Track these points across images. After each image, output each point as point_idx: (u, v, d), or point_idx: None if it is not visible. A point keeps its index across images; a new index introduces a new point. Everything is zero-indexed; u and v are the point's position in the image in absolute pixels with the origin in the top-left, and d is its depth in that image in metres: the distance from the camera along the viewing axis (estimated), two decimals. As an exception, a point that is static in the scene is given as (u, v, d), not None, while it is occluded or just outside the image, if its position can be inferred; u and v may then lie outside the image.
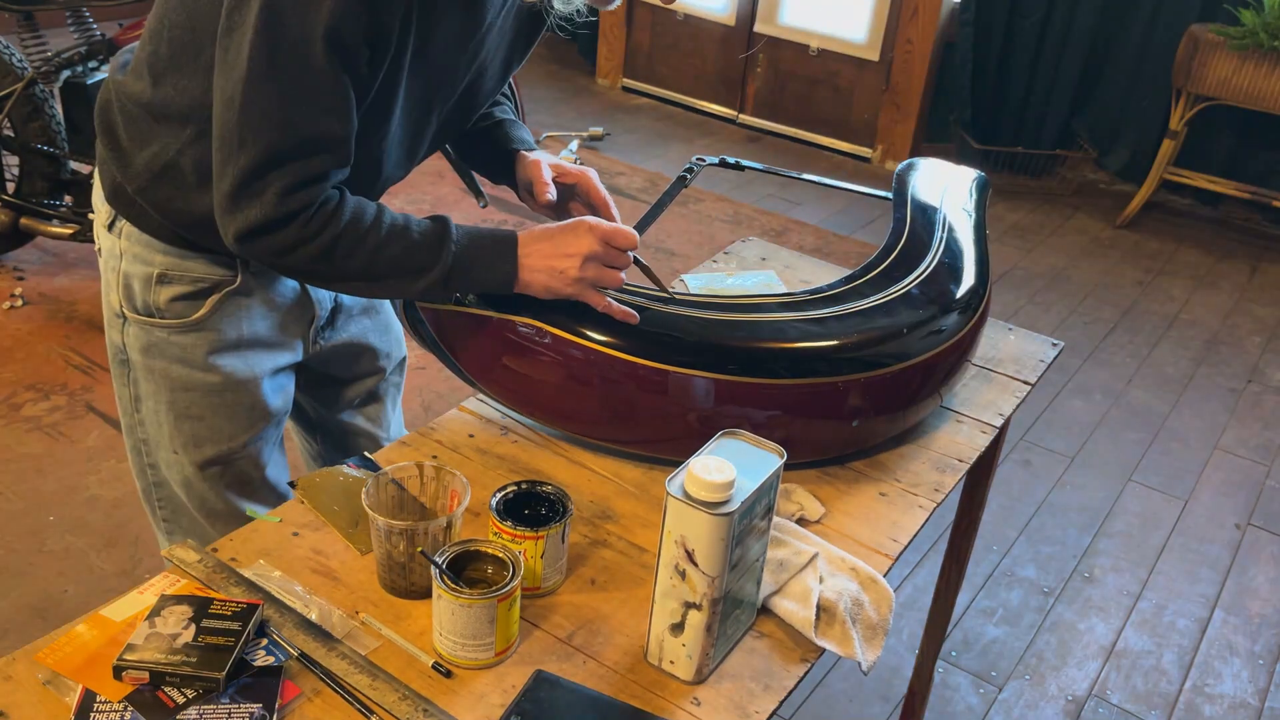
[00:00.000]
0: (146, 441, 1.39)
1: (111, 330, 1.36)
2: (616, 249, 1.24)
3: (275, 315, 1.35)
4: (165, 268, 1.28)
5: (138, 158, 1.24)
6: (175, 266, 1.28)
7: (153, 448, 1.39)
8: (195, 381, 1.32)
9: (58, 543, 2.32)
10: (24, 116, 3.12)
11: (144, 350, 1.32)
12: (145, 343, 1.32)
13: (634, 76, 5.51)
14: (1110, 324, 3.75)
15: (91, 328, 3.05)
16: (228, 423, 1.35)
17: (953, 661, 2.29)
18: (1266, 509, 2.86)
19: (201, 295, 1.29)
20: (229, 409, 1.35)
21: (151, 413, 1.36)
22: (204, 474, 1.37)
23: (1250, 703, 2.25)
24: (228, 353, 1.32)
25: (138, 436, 1.40)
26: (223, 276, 1.29)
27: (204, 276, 1.28)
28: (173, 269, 1.28)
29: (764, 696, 1.01)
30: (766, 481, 0.98)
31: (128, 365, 1.35)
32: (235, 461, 1.38)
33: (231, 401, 1.34)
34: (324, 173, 1.12)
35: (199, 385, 1.32)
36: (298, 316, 1.38)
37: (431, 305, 1.26)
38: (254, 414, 1.37)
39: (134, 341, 1.33)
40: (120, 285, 1.31)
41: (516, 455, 1.31)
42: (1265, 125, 4.31)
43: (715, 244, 3.96)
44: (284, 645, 0.99)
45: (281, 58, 1.05)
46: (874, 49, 4.76)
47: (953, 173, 1.68)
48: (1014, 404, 1.51)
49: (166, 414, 1.34)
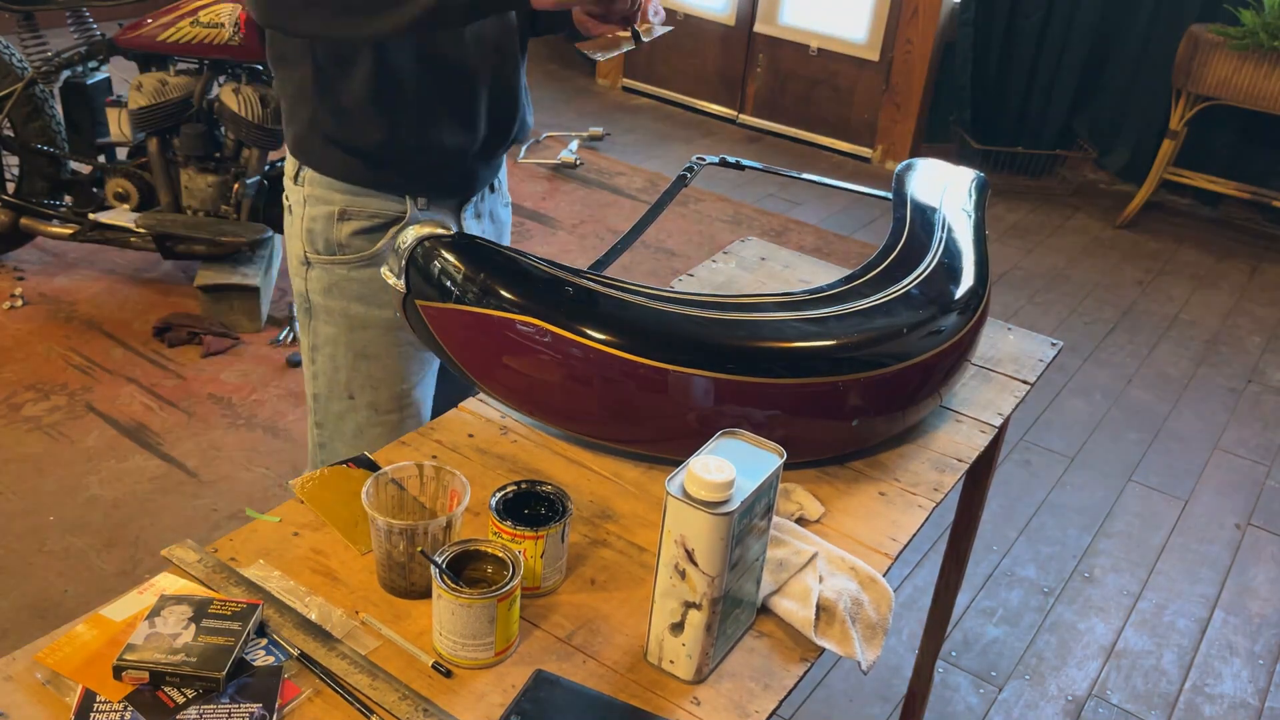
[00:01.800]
0: (317, 397, 1.52)
1: (296, 280, 1.53)
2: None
3: None
4: (344, 205, 1.45)
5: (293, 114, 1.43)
6: (353, 203, 1.45)
7: (322, 402, 1.52)
8: (373, 319, 1.47)
9: (58, 543, 2.32)
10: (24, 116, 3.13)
11: (326, 291, 1.47)
12: (327, 283, 1.48)
13: (634, 76, 5.52)
14: (1110, 324, 3.75)
15: (91, 328, 3.05)
16: (401, 363, 1.48)
17: (953, 661, 2.29)
18: (1266, 509, 2.86)
19: (378, 229, 1.46)
20: (401, 348, 1.48)
21: (328, 359, 1.50)
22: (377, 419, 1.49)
23: (1250, 703, 2.25)
24: None
25: (314, 389, 1.53)
26: (396, 211, 1.46)
27: (379, 211, 1.46)
28: (351, 205, 1.45)
29: (764, 696, 1.01)
30: (766, 481, 0.98)
31: (311, 312, 1.50)
32: (406, 406, 1.50)
33: (405, 340, 1.48)
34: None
35: (376, 322, 1.47)
36: None
37: (432, 305, 1.26)
38: (423, 355, 1.50)
39: (316, 284, 1.48)
40: (304, 231, 1.48)
41: (516, 455, 1.31)
42: (1265, 125, 4.31)
43: (715, 244, 3.96)
44: (284, 645, 0.99)
45: None
46: (874, 49, 4.76)
47: (952, 173, 1.69)
48: (1013, 404, 1.51)
49: (345, 355, 1.48)
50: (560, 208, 4.12)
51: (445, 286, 1.25)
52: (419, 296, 1.26)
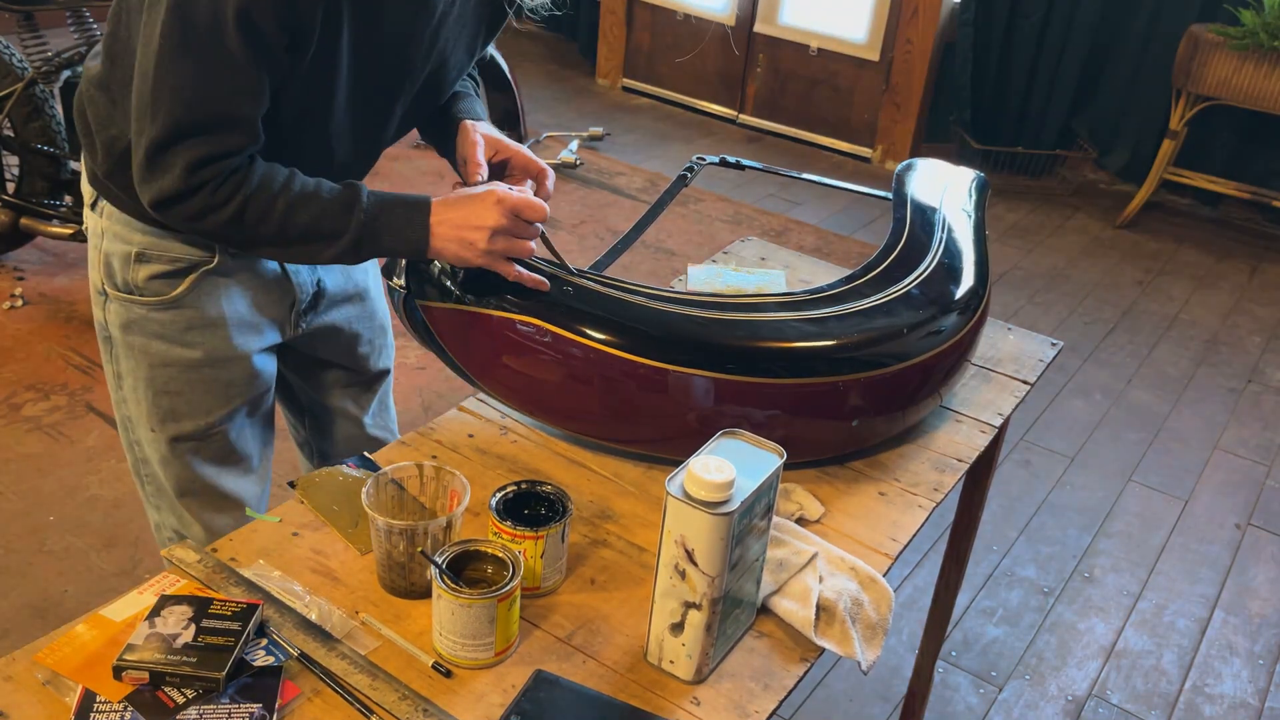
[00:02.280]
0: (130, 419, 1.42)
1: (95, 307, 1.40)
2: (525, 221, 1.21)
3: (254, 295, 1.37)
4: (144, 246, 1.30)
5: (100, 141, 1.28)
6: (153, 246, 1.30)
7: (134, 425, 1.42)
8: (174, 357, 1.35)
9: (58, 543, 2.32)
10: (24, 116, 3.12)
11: (124, 327, 1.35)
12: (125, 319, 1.35)
13: (634, 76, 5.51)
14: (1110, 324, 3.75)
15: (91, 328, 3.05)
16: (204, 398, 1.38)
17: (953, 661, 2.29)
18: (1266, 509, 2.86)
19: (179, 274, 1.32)
20: (206, 384, 1.37)
21: (131, 389, 1.39)
22: (177, 449, 1.39)
23: (1250, 703, 2.25)
24: (207, 330, 1.35)
25: (123, 413, 1.43)
26: (200, 257, 1.31)
27: (181, 256, 1.31)
28: (151, 248, 1.30)
29: (764, 696, 1.01)
30: (766, 481, 0.98)
31: (111, 342, 1.39)
32: (211, 438, 1.40)
33: (209, 377, 1.37)
34: (231, 149, 1.14)
35: (177, 361, 1.35)
36: (278, 299, 1.40)
37: (432, 304, 1.26)
38: (231, 390, 1.39)
39: (114, 318, 1.36)
40: (102, 263, 1.34)
41: (516, 455, 1.31)
42: (1265, 125, 4.31)
43: (715, 244, 3.96)
44: (284, 645, 0.99)
45: (193, 35, 1.08)
46: (874, 49, 4.76)
47: (952, 173, 1.69)
48: (1013, 404, 1.51)
49: (145, 390, 1.37)
50: (560, 208, 4.12)
51: (445, 286, 1.25)
52: (419, 296, 1.26)
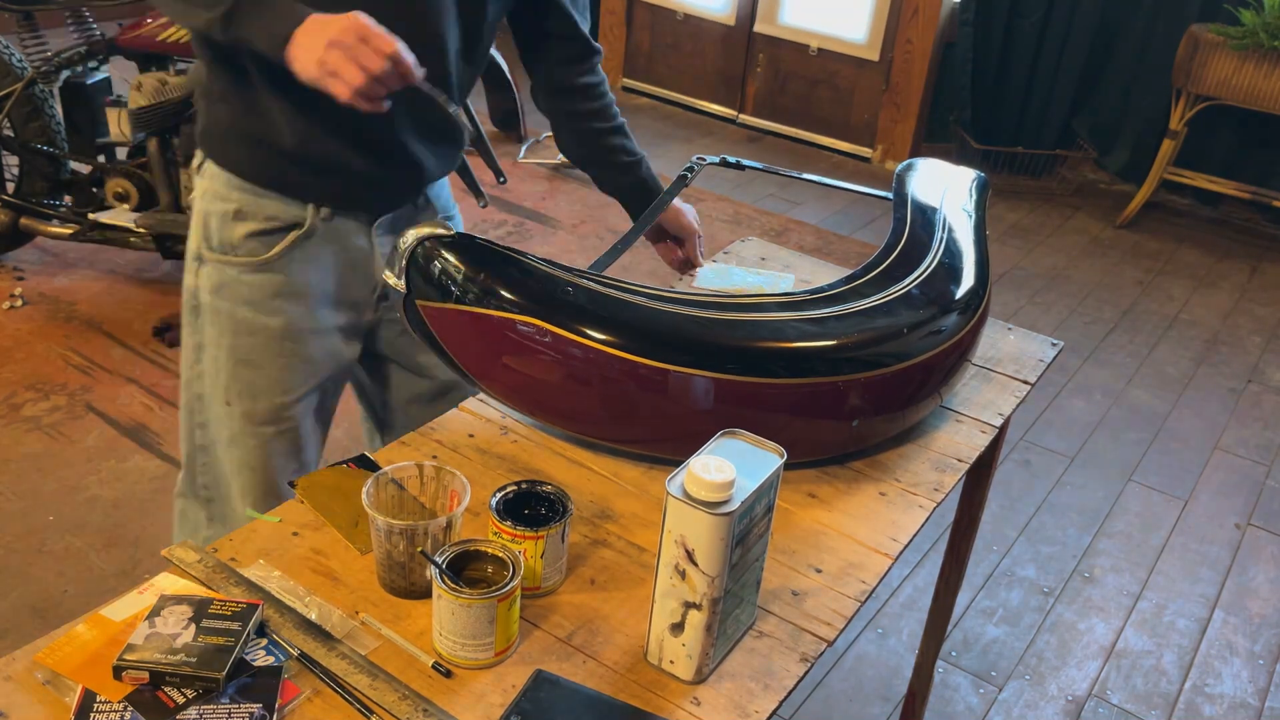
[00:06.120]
0: (201, 397, 1.46)
1: (188, 275, 1.45)
2: (371, 48, 1.17)
3: (341, 272, 1.43)
4: (241, 204, 1.38)
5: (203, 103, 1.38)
6: (250, 204, 1.37)
7: (206, 403, 1.46)
8: (259, 325, 1.40)
9: (58, 543, 2.32)
10: (24, 116, 3.12)
11: (215, 290, 1.41)
12: (217, 282, 1.40)
13: (634, 76, 5.51)
14: (1110, 324, 3.75)
15: (91, 328, 3.05)
16: (283, 374, 1.42)
17: (953, 661, 2.29)
18: (1266, 509, 2.86)
19: (274, 234, 1.39)
20: (286, 359, 1.42)
21: (212, 360, 1.43)
22: (252, 430, 1.43)
23: (1250, 703, 2.25)
24: (293, 299, 1.40)
25: (193, 392, 1.47)
26: (295, 217, 1.38)
27: (276, 215, 1.38)
28: (248, 206, 1.38)
29: (764, 696, 1.01)
30: (766, 481, 0.98)
31: (198, 311, 1.44)
32: (284, 420, 1.44)
33: (290, 351, 1.42)
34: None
35: (262, 330, 1.40)
36: (364, 278, 1.46)
37: (432, 305, 1.26)
38: (309, 369, 1.44)
39: (206, 282, 1.42)
40: (201, 224, 1.41)
41: (516, 455, 1.31)
42: (1265, 125, 4.31)
43: (715, 244, 3.96)
44: (284, 645, 0.99)
45: None
46: (874, 49, 4.76)
47: (952, 173, 1.69)
48: (1014, 404, 1.51)
49: (226, 360, 1.42)
50: (560, 208, 4.12)
51: (445, 286, 1.24)
52: (419, 296, 1.26)
